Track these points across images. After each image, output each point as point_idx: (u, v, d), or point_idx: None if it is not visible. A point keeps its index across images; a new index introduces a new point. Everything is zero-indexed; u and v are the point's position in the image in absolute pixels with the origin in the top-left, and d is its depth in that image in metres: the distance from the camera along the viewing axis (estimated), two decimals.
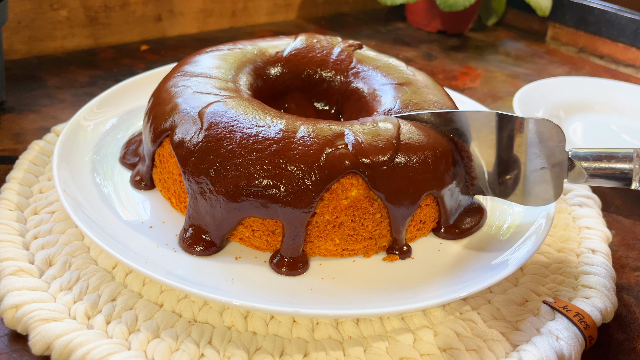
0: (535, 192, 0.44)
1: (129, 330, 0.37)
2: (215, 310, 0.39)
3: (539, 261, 0.48)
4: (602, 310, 0.42)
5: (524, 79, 0.91)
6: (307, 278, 0.41)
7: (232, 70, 0.50)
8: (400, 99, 0.48)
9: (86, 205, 0.43)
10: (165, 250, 0.41)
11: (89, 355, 0.34)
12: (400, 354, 0.38)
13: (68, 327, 0.36)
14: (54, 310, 0.37)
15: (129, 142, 0.53)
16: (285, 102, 0.55)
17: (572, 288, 0.45)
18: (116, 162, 0.51)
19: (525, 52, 1.05)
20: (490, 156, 0.45)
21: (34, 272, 0.40)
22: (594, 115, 0.80)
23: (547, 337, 0.39)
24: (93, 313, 0.38)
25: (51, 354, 0.35)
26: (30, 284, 0.39)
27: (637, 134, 0.76)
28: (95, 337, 0.36)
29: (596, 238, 0.51)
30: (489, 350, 0.39)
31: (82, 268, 0.41)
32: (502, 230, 0.47)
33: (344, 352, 0.38)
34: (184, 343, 0.37)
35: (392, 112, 0.47)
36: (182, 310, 0.39)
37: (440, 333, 0.40)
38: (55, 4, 0.78)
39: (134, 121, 0.56)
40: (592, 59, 1.05)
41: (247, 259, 0.42)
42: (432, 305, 0.37)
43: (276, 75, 0.53)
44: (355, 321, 0.40)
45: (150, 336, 0.37)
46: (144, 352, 0.36)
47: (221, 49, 0.53)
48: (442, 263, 0.44)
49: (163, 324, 0.38)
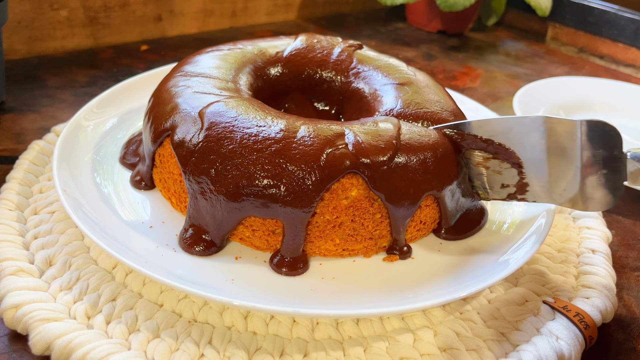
0: (595, 196, 0.42)
1: (129, 330, 0.37)
2: (215, 310, 0.39)
3: (539, 261, 0.48)
4: (602, 310, 0.42)
5: (524, 79, 0.91)
6: (307, 278, 0.41)
7: (233, 71, 0.50)
8: (401, 98, 0.48)
9: (86, 205, 0.43)
10: (165, 250, 0.41)
11: (89, 355, 0.34)
12: (400, 354, 0.38)
13: (68, 327, 0.36)
14: (54, 310, 0.37)
15: (129, 142, 0.53)
16: (286, 103, 0.55)
17: (572, 288, 0.45)
18: (116, 162, 0.51)
19: (525, 52, 1.05)
20: (541, 162, 0.43)
21: (34, 272, 0.40)
22: (594, 115, 0.80)
23: (547, 337, 0.39)
24: (93, 313, 0.38)
25: (51, 354, 0.35)
26: (30, 284, 0.39)
27: (637, 134, 0.76)
28: (95, 337, 0.36)
29: (596, 238, 0.51)
30: (489, 350, 0.39)
31: (82, 268, 0.41)
32: (502, 230, 0.47)
33: (344, 352, 0.38)
34: (184, 343, 0.37)
35: (394, 112, 0.47)
36: (182, 310, 0.39)
37: (440, 333, 0.40)
38: (55, 4, 0.78)
39: (134, 121, 0.56)
40: (592, 59, 1.05)
41: (247, 259, 0.42)
42: (432, 305, 0.37)
43: (276, 76, 0.53)
44: (355, 321, 0.40)
45: (150, 336, 0.37)
46: (144, 352, 0.36)
47: (221, 49, 0.53)
48: (442, 263, 0.44)
49: (163, 324, 0.38)
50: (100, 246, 0.38)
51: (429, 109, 0.47)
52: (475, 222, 0.47)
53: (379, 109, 0.48)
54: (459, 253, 0.45)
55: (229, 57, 0.52)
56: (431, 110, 0.47)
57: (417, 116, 0.46)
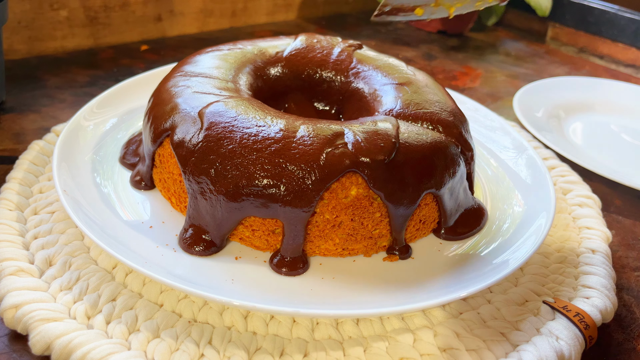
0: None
1: (129, 330, 0.37)
2: (215, 310, 0.39)
3: (539, 261, 0.48)
4: (602, 310, 0.42)
5: (524, 79, 0.91)
6: (307, 278, 0.41)
7: (232, 71, 0.50)
8: (401, 98, 0.48)
9: (86, 206, 0.43)
10: (165, 250, 0.41)
11: (89, 355, 0.34)
12: (400, 354, 0.38)
13: (68, 327, 0.36)
14: (54, 310, 0.37)
15: (129, 142, 0.53)
16: (286, 102, 0.55)
17: (572, 288, 0.45)
18: (116, 162, 0.51)
19: (525, 52, 1.05)
20: None
21: (34, 272, 0.40)
22: (594, 115, 0.80)
23: (547, 337, 0.39)
24: (93, 313, 0.38)
25: (51, 354, 0.35)
26: (30, 284, 0.39)
27: (637, 134, 0.76)
28: (95, 337, 0.36)
29: (596, 238, 0.51)
30: (489, 350, 0.39)
31: (82, 268, 0.41)
32: (502, 230, 0.47)
33: (344, 352, 0.38)
34: (184, 343, 0.37)
35: (393, 112, 0.47)
36: (182, 310, 0.39)
37: (440, 333, 0.40)
38: (55, 4, 0.78)
39: (134, 121, 0.56)
40: (592, 59, 1.05)
41: (247, 259, 0.42)
42: (432, 305, 0.37)
43: (276, 76, 0.53)
44: (355, 321, 0.40)
45: (150, 336, 0.37)
46: (144, 352, 0.36)
47: (221, 49, 0.53)
48: (442, 263, 0.44)
49: (163, 324, 0.38)
50: (100, 246, 0.38)
51: (428, 110, 0.47)
52: (475, 222, 0.48)
53: (378, 109, 0.48)
54: (459, 253, 0.45)
55: (228, 57, 0.52)
56: (430, 110, 0.47)
57: (417, 116, 0.46)
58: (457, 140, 0.46)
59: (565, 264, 0.48)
